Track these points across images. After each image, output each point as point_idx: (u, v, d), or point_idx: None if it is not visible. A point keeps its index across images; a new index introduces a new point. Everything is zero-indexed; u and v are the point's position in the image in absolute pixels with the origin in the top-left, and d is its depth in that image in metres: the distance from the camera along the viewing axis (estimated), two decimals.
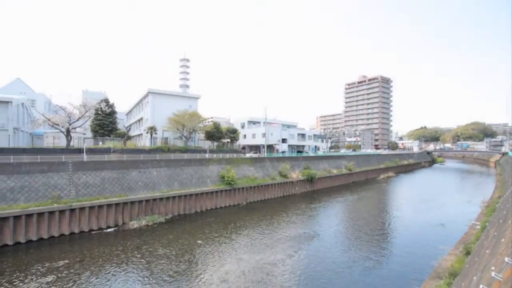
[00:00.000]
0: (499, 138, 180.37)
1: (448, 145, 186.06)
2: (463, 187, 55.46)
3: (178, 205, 29.00)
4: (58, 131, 37.42)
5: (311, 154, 65.99)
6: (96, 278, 15.35)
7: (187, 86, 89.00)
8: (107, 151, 34.97)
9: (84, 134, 50.84)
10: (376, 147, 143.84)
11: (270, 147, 63.61)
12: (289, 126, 78.71)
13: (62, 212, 21.72)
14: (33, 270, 16.05)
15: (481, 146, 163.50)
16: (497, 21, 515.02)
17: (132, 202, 25.66)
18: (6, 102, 35.45)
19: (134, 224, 24.50)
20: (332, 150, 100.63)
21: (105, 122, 50.18)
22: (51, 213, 21.22)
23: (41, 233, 20.77)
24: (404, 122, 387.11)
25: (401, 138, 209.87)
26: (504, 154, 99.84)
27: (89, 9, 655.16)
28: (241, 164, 38.94)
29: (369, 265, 17.56)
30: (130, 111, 73.69)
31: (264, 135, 61.92)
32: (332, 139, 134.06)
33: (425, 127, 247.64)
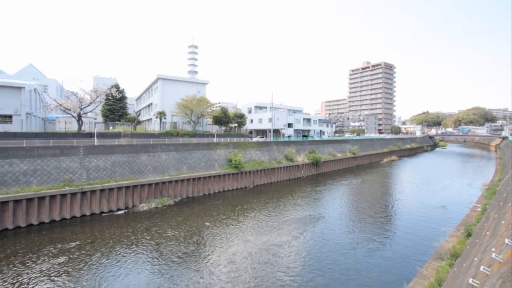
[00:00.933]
0: (499, 123, 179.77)
1: (449, 129, 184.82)
2: (464, 170, 55.39)
3: (187, 188, 29.61)
4: (70, 116, 37.96)
5: (316, 138, 65.90)
6: (107, 259, 15.73)
7: (196, 72, 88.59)
8: (118, 135, 35.48)
9: (95, 119, 51.25)
10: (380, 131, 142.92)
11: (277, 132, 63.76)
12: (295, 111, 78.44)
13: (73, 195, 22.27)
14: (45, 251, 16.44)
15: (482, 131, 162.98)
16: (499, 8, 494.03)
17: (142, 185, 26.22)
18: (19, 88, 35.82)
19: (143, 207, 25.13)
20: (337, 135, 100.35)
21: (115, 107, 50.70)
22: (63, 196, 21.77)
23: (53, 215, 21.33)
24: (407, 107, 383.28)
25: (404, 123, 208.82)
26: (504, 138, 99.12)
27: None
28: (248, 148, 39.25)
29: (373, 247, 17.94)
30: (140, 97, 74.00)
31: (270, 120, 61.92)
32: (336, 124, 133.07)
33: (427, 112, 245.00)
